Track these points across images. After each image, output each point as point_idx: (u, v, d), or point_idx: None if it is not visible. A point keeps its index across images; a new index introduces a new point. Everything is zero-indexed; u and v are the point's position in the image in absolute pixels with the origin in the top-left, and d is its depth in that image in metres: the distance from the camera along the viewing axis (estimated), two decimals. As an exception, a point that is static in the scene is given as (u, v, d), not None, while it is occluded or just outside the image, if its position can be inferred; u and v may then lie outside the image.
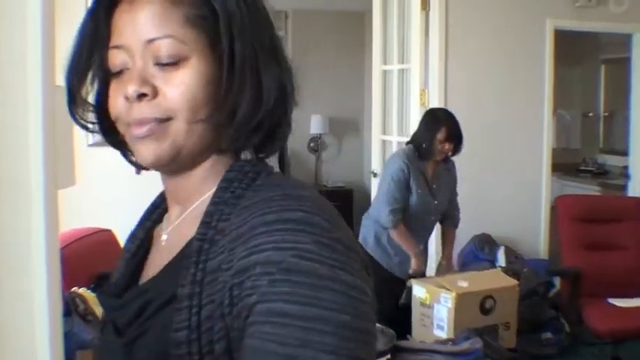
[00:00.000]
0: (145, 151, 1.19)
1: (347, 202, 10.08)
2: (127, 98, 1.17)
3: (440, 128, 5.10)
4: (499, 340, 4.24)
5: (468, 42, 6.89)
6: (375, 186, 7.28)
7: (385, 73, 7.43)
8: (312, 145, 10.82)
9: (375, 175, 7.29)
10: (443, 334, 4.19)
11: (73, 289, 3.70)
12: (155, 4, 1.18)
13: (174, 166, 1.22)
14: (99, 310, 2.45)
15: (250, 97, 1.20)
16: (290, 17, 10.64)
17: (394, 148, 6.88)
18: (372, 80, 7.65)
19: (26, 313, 2.27)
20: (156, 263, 1.27)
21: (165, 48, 1.16)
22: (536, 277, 5.73)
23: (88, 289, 3.77)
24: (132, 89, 1.16)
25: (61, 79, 2.39)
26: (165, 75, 1.17)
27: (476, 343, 3.73)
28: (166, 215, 1.32)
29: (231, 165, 1.23)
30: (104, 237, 4.86)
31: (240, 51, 1.18)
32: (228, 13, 1.17)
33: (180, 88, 1.16)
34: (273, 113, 1.25)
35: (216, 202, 1.16)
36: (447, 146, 5.13)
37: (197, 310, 1.06)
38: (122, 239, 5.21)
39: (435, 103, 6.51)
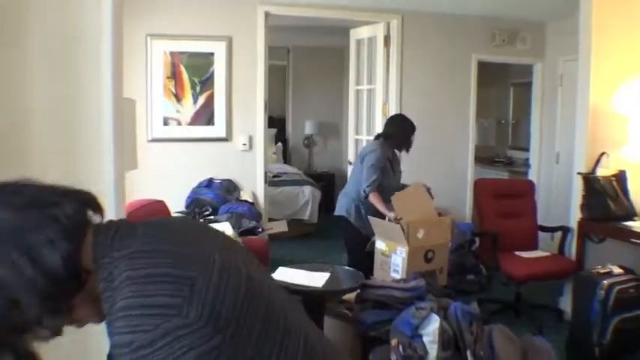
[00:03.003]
0: None
1: (330, 182, 10.11)
2: None
3: (414, 129, 5.11)
4: (437, 280, 4.25)
5: (417, 70, 6.91)
6: (350, 171, 7.29)
7: (358, 92, 7.41)
8: (306, 142, 10.82)
9: (350, 163, 7.28)
10: (397, 276, 4.20)
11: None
12: None
13: None
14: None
15: None
16: (291, 51, 10.63)
17: (364, 144, 6.87)
18: (349, 96, 7.64)
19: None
20: None
21: None
22: (463, 235, 5.76)
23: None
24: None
25: (127, 93, 2.38)
26: None
27: (420, 282, 3.74)
28: None
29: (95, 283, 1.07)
30: (158, 205, 4.84)
31: None
32: None
33: None
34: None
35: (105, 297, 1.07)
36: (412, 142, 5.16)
37: None
38: (171, 207, 5.21)
39: (393, 112, 6.50)
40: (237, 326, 1.00)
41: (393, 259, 4.31)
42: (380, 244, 4.47)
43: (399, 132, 5.13)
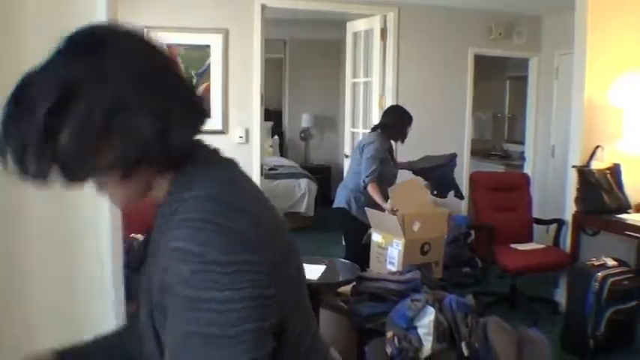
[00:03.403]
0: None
1: (327, 175, 10.10)
2: None
3: (411, 119, 5.14)
4: (432, 273, 4.28)
5: (414, 63, 6.90)
6: (346, 164, 7.30)
7: (354, 84, 7.42)
8: (302, 135, 10.82)
9: (347, 156, 7.30)
10: (393, 268, 4.23)
11: (131, 235, 3.69)
12: None
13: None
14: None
15: (122, 141, 1.00)
16: (288, 44, 10.62)
17: (360, 137, 6.89)
18: (346, 89, 7.65)
19: (95, 256, 2.27)
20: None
21: None
22: (458, 228, 5.78)
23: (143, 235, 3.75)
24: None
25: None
26: None
27: (416, 275, 3.76)
28: None
29: (172, 177, 1.11)
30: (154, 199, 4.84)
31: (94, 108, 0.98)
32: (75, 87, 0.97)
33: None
34: (155, 142, 1.03)
35: (162, 215, 1.12)
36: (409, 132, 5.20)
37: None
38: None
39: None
40: (290, 295, 1.09)
41: (389, 251, 4.33)
42: (376, 237, 4.49)
43: (395, 123, 5.17)
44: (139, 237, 3.72)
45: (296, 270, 1.16)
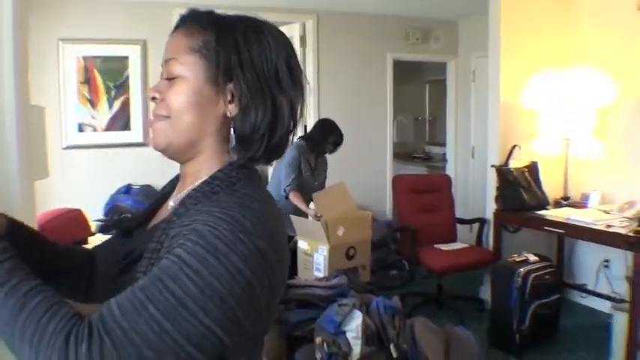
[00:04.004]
0: (152, 139, 1.18)
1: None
2: (150, 99, 1.18)
3: (331, 134, 5.19)
4: (360, 277, 4.29)
5: (334, 69, 6.94)
6: (270, 171, 7.27)
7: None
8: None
9: (270, 165, 7.28)
10: (320, 274, 4.22)
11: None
12: (175, 36, 1.17)
13: (172, 154, 1.20)
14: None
15: (246, 117, 1.14)
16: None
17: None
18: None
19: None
20: (155, 220, 1.25)
21: (169, 67, 1.15)
22: (383, 231, 5.82)
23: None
24: (149, 94, 1.18)
25: (35, 99, 2.30)
26: (170, 86, 1.14)
27: (342, 280, 3.76)
28: (177, 189, 1.26)
29: (222, 166, 1.16)
30: (74, 214, 4.71)
31: (237, 81, 1.13)
32: (227, 51, 1.13)
33: (173, 97, 1.13)
34: (271, 132, 1.16)
35: (197, 190, 1.13)
36: (332, 147, 5.25)
37: (153, 262, 1.04)
38: (89, 215, 5.08)
39: (312, 114, 6.53)
40: (272, 297, 1.09)
41: (315, 257, 4.33)
42: (302, 244, 4.48)
43: (317, 136, 5.20)
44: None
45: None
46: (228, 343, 0.99)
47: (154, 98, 1.16)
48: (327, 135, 5.20)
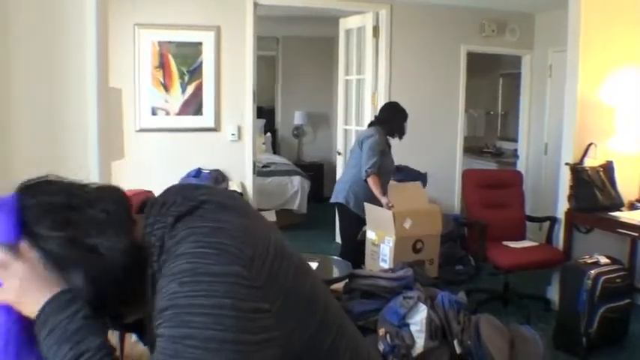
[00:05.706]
0: None
1: (319, 172, 10.08)
2: None
3: (406, 116, 5.20)
4: (427, 271, 4.27)
5: (406, 60, 6.90)
6: (339, 161, 7.31)
7: (347, 82, 7.40)
8: (295, 132, 10.79)
9: (339, 153, 7.30)
10: (385, 265, 4.22)
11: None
12: None
13: None
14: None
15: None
16: (280, 41, 10.59)
17: (353, 135, 6.89)
18: (338, 86, 7.63)
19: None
20: None
21: None
22: (450, 226, 5.77)
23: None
24: None
25: (112, 82, 2.36)
26: None
27: (408, 272, 3.74)
28: None
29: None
30: (147, 195, 4.81)
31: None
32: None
33: None
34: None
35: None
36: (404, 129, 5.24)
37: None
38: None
39: (382, 103, 6.50)
40: (285, 301, 1.03)
41: (382, 248, 4.33)
42: (370, 234, 4.49)
43: (392, 118, 5.20)
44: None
45: (309, 287, 1.12)
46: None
47: None
48: (402, 117, 5.21)
